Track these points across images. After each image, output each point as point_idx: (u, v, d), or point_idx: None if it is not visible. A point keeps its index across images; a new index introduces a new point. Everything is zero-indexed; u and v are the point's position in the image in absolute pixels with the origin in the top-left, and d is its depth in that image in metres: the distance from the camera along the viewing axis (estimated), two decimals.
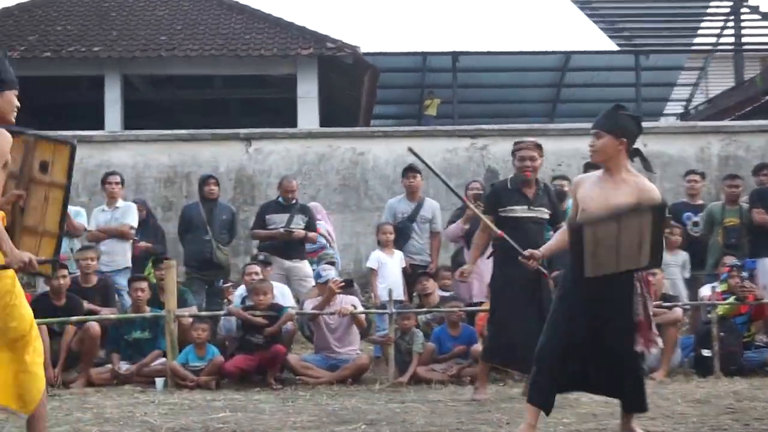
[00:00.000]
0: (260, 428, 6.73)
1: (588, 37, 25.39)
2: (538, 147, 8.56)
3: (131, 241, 11.92)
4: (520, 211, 8.42)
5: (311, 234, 11.75)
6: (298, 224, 11.68)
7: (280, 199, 11.96)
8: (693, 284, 11.81)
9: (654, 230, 5.78)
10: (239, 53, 18.73)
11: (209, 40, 19.35)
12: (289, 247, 11.69)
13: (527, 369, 8.15)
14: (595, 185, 6.15)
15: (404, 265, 11.47)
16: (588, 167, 11.93)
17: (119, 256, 11.79)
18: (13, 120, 5.54)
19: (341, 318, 10.33)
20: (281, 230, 11.57)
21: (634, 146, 6.19)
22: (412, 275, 11.34)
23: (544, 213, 8.52)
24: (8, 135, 5.29)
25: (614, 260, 5.83)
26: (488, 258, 8.71)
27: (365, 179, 15.21)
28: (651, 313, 6.03)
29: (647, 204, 5.87)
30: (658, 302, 10.37)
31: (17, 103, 5.56)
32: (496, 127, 16.22)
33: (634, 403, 6.11)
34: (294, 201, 11.90)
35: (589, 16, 28.05)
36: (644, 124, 12.47)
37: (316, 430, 6.65)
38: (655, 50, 26.21)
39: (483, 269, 10.48)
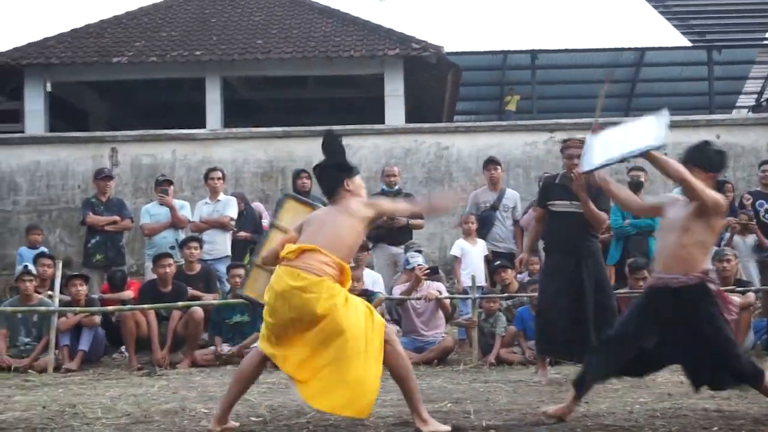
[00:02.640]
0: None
1: (661, 33, 25.09)
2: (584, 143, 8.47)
3: (231, 231, 12.07)
4: (562, 206, 8.37)
5: (415, 221, 11.76)
6: None
7: (384, 187, 12.04)
8: (764, 268, 11.60)
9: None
10: (330, 55, 18.78)
11: (302, 43, 19.43)
12: (394, 234, 11.75)
13: (575, 358, 8.23)
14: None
15: (486, 253, 11.45)
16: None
17: (220, 245, 11.98)
18: (364, 195, 6.11)
19: (427, 303, 10.34)
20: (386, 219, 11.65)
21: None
22: (494, 262, 11.30)
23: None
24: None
25: None
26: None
27: (449, 172, 15.20)
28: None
29: None
30: (731, 287, 10.21)
31: (363, 185, 6.15)
32: (573, 121, 16.07)
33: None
34: (397, 188, 11.97)
35: (662, 13, 27.58)
36: (717, 117, 12.18)
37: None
38: (727, 45, 25.68)
39: None
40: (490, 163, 11.91)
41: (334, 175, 6.04)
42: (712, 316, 5.78)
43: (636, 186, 11.49)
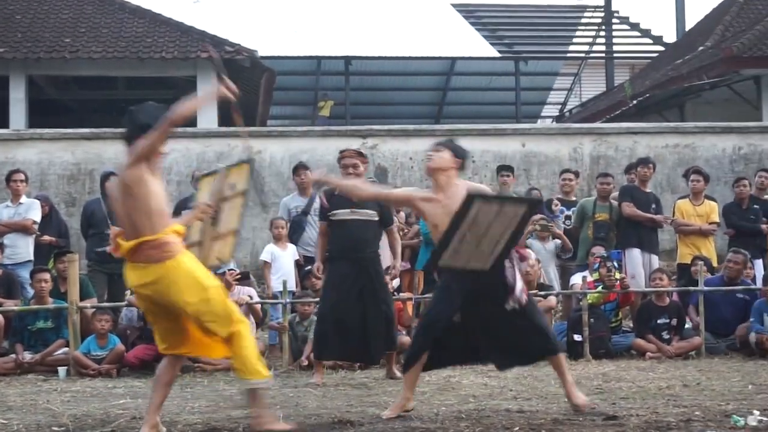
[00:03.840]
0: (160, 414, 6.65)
1: (471, 43, 25.68)
2: (360, 154, 8.87)
3: (34, 235, 11.72)
4: (343, 214, 8.65)
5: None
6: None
7: (195, 191, 11.87)
8: (563, 273, 12.08)
9: (518, 228, 6.14)
10: (141, 56, 18.50)
11: (112, 42, 19.05)
12: None
13: (360, 357, 8.85)
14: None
15: (297, 257, 11.47)
16: (501, 169, 12.18)
17: (22, 249, 11.59)
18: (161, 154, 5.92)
19: (238, 308, 10.26)
20: None
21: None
22: (305, 267, 11.34)
23: (369, 214, 8.67)
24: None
25: (469, 255, 6.16)
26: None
27: (262, 176, 15.14)
28: (517, 276, 6.37)
29: (533, 196, 6.37)
30: (534, 291, 10.57)
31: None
32: (385, 127, 16.30)
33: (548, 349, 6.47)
34: None
35: (473, 24, 28.36)
36: (523, 126, 12.40)
37: (213, 415, 6.61)
38: (534, 57, 26.60)
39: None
40: (300, 168, 11.99)
41: (135, 127, 5.85)
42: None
43: None
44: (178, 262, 5.62)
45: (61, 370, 9.61)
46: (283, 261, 11.36)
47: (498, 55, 27.57)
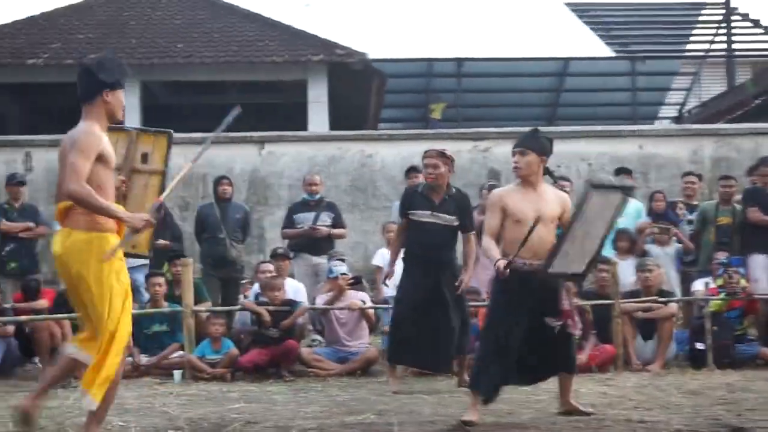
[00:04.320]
0: (273, 418, 6.74)
1: (586, 43, 25.36)
2: (442, 155, 8.68)
3: None
4: (422, 215, 8.54)
5: (336, 231, 11.78)
6: (324, 221, 11.79)
7: (306, 196, 12.04)
8: (684, 280, 11.84)
9: (611, 221, 6.30)
10: (252, 60, 18.73)
11: (224, 47, 19.35)
12: (316, 243, 11.75)
13: (428, 367, 8.76)
14: (522, 197, 6.58)
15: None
16: (619, 171, 12.06)
17: None
18: (121, 117, 5.75)
19: (351, 313, 10.34)
20: (307, 228, 11.67)
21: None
22: None
23: (449, 220, 8.55)
24: (100, 135, 5.56)
25: (573, 257, 6.25)
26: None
27: (373, 180, 15.21)
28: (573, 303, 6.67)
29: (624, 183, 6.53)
30: (653, 297, 10.40)
31: (124, 102, 5.79)
32: (498, 130, 16.21)
33: (567, 365, 6.67)
34: (319, 196, 11.99)
35: (587, 23, 28.02)
36: (640, 127, 12.21)
37: (327, 420, 6.65)
38: (650, 56, 26.15)
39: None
40: (412, 171, 11.96)
41: (94, 80, 5.74)
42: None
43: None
44: (104, 238, 5.50)
45: (176, 374, 9.79)
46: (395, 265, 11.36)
47: (613, 54, 27.17)
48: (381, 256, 11.52)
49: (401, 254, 8.81)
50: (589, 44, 26.52)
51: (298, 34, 19.97)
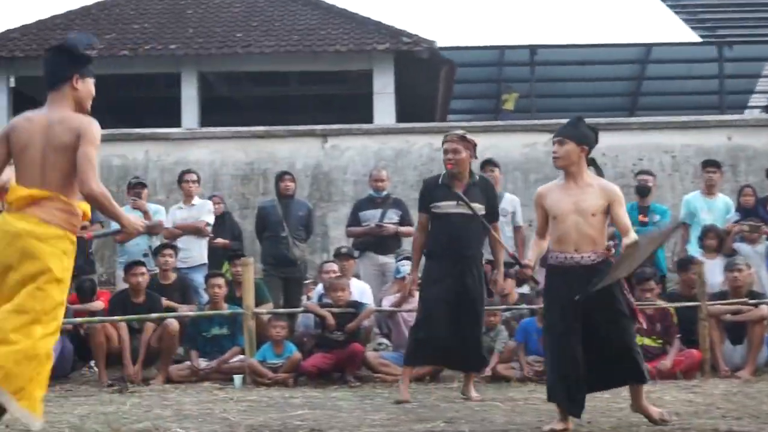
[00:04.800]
0: (338, 426, 6.77)
1: (669, 28, 25.15)
2: (463, 139, 8.42)
3: (207, 238, 12.06)
4: (447, 207, 8.31)
5: (403, 228, 11.77)
6: (391, 218, 11.75)
7: (372, 192, 12.05)
8: None
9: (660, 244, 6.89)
10: (315, 49, 18.82)
11: (285, 36, 19.47)
12: (382, 242, 11.77)
13: (465, 365, 8.52)
14: (561, 192, 6.62)
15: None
16: (706, 164, 11.94)
17: (195, 252, 11.94)
18: (89, 109, 5.65)
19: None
20: (373, 226, 11.68)
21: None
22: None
23: (477, 208, 8.31)
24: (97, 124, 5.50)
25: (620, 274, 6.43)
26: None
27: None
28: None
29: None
30: (743, 299, 10.27)
31: (94, 92, 5.71)
32: None
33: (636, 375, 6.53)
34: (386, 193, 11.99)
35: (671, 6, 27.68)
36: (728, 117, 12.08)
37: (395, 428, 6.67)
38: (740, 41, 25.79)
39: None
40: (488, 164, 11.89)
41: (64, 63, 5.64)
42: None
43: (643, 191, 11.57)
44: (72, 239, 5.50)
45: (237, 379, 9.86)
46: None
47: (699, 39, 26.86)
48: None
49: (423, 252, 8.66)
50: (673, 29, 26.27)
51: (362, 22, 20.02)
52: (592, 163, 6.73)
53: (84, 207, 5.57)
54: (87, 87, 5.69)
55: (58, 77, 5.62)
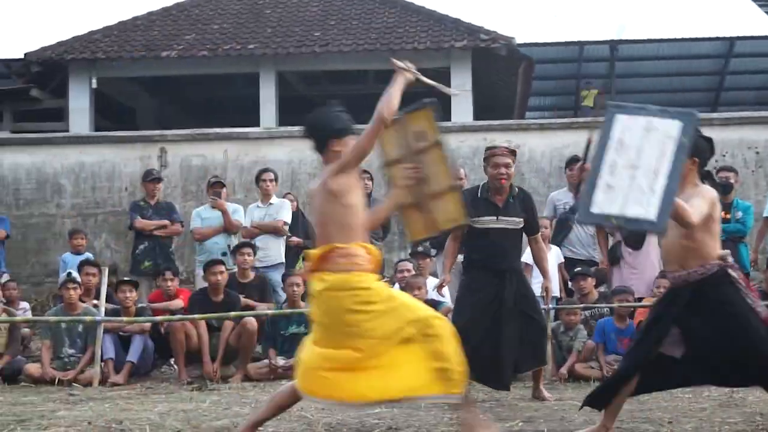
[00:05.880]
0: (416, 424, 6.76)
1: (753, 21, 24.68)
2: (513, 153, 8.36)
3: (285, 237, 12.12)
4: (488, 222, 8.18)
5: None
6: None
7: None
8: None
9: (677, 157, 5.59)
10: (392, 47, 18.81)
11: (362, 34, 19.50)
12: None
13: (489, 383, 8.20)
14: None
15: (561, 260, 11.34)
16: None
17: (273, 251, 12.02)
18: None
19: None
20: None
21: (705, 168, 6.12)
22: (572, 270, 11.19)
23: (515, 222, 8.24)
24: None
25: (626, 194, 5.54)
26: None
27: (521, 172, 15.10)
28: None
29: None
30: None
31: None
32: None
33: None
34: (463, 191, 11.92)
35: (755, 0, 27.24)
36: None
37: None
38: None
39: (644, 264, 10.49)
40: (573, 162, 11.79)
41: (318, 134, 5.87)
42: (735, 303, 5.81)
43: (725, 188, 11.37)
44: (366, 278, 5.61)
45: None
46: None
47: None
48: (528, 254, 11.44)
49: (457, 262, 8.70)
50: (756, 22, 25.77)
51: (440, 19, 20.00)
52: (707, 176, 6.16)
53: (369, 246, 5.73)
54: (347, 146, 5.79)
55: (319, 149, 5.89)
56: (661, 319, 5.95)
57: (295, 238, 12.30)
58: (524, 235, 8.46)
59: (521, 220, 8.28)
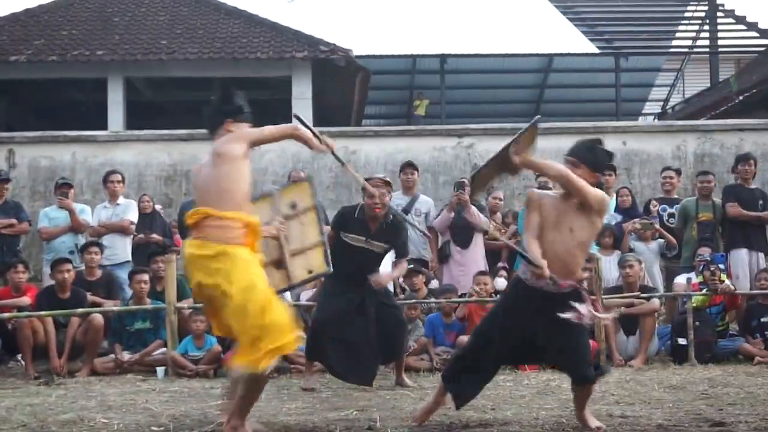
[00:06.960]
0: (256, 414, 6.71)
1: (570, 40, 25.40)
2: (388, 183, 8.54)
3: (131, 236, 11.96)
4: (355, 240, 8.38)
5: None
6: None
7: None
8: (668, 275, 11.90)
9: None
10: (236, 56, 18.73)
11: (207, 43, 19.34)
12: None
13: (356, 380, 8.40)
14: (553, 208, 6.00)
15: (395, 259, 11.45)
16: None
17: (119, 250, 11.85)
18: None
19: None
20: None
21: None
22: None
23: (383, 248, 8.47)
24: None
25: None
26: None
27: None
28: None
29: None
30: (636, 293, 10.45)
31: None
32: (481, 126, 16.24)
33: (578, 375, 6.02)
34: None
35: (571, 20, 28.05)
36: (624, 124, 12.08)
37: (310, 417, 6.66)
38: (634, 52, 26.23)
39: (469, 261, 10.69)
40: (408, 166, 11.97)
41: (218, 110, 6.11)
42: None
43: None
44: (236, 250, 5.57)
45: (159, 371, 9.79)
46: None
47: (597, 51, 27.25)
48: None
49: None
50: (573, 40, 26.55)
51: (282, 31, 19.99)
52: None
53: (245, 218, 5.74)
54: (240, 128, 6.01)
55: (213, 126, 6.18)
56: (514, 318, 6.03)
57: (155, 235, 12.10)
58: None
59: (388, 246, 8.48)
